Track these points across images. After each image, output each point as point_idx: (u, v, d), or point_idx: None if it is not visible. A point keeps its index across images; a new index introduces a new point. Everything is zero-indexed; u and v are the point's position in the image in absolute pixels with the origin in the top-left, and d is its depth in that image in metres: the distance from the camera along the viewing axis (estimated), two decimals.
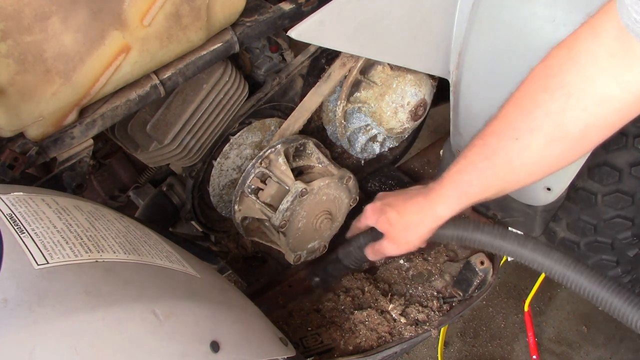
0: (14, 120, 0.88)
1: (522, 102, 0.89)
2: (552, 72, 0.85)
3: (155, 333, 0.67)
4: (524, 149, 0.88)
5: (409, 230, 1.05)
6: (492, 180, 0.94)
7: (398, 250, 1.09)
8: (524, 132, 0.88)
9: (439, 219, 1.01)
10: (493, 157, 0.91)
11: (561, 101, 0.83)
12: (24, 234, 0.69)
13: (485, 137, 0.93)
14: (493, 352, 2.24)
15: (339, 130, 1.36)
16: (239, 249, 1.48)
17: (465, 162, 0.96)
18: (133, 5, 0.91)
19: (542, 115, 0.85)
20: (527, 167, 0.91)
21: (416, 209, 1.03)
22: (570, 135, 0.85)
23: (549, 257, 0.95)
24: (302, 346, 1.21)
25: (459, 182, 0.96)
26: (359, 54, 1.21)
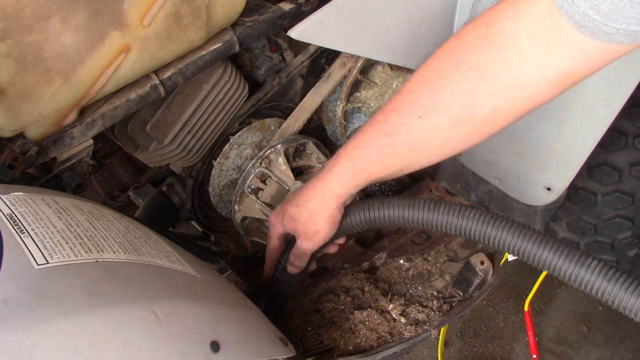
0: (14, 120, 0.88)
1: (430, 79, 0.83)
2: (466, 49, 0.80)
3: (155, 333, 0.67)
4: (428, 129, 0.84)
5: (313, 219, 0.97)
6: (392, 159, 0.89)
7: (313, 243, 1.00)
8: (429, 110, 0.83)
9: (336, 197, 0.94)
10: (394, 135, 0.86)
11: (472, 82, 0.79)
12: (24, 234, 0.69)
13: (387, 112, 0.88)
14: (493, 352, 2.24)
15: (339, 130, 1.36)
16: (239, 249, 1.48)
17: (364, 137, 0.90)
18: (133, 5, 0.91)
19: (451, 94, 0.81)
20: (429, 148, 0.87)
21: (312, 194, 0.97)
22: (477, 119, 0.81)
23: (464, 216, 0.87)
24: (302, 346, 1.20)
25: (356, 157, 0.90)
26: (359, 54, 1.21)
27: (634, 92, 1.09)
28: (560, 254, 0.81)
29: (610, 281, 0.79)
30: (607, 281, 0.79)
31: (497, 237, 0.84)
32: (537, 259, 0.82)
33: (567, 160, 1.24)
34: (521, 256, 0.84)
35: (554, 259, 0.81)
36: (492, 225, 0.84)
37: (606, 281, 0.79)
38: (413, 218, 0.91)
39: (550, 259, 0.81)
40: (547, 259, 0.81)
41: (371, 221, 0.96)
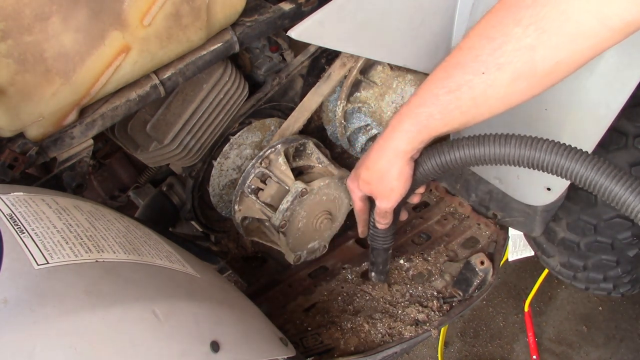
0: (14, 120, 0.88)
1: (492, 34, 0.84)
2: (526, 4, 0.80)
3: (155, 333, 0.67)
4: (490, 84, 0.85)
5: (385, 178, 1.01)
6: (455, 114, 0.90)
7: (390, 202, 1.05)
8: (491, 66, 0.84)
9: (402, 154, 0.96)
10: (457, 91, 0.87)
11: (533, 37, 0.80)
12: (24, 234, 0.69)
13: (448, 69, 0.89)
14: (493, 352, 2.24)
15: (339, 130, 1.36)
16: (239, 249, 1.48)
17: (426, 95, 0.91)
18: (133, 5, 0.91)
19: (512, 50, 0.82)
20: (491, 102, 0.88)
21: (380, 154, 0.99)
22: (538, 72, 0.82)
23: (536, 148, 0.88)
24: (302, 346, 1.21)
25: (420, 115, 0.92)
26: (359, 54, 1.21)
27: (634, 92, 1.09)
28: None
29: None
30: None
31: (569, 168, 0.85)
32: (609, 193, 0.83)
33: None
34: (592, 189, 0.84)
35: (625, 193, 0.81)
36: (564, 155, 0.85)
37: None
38: (484, 155, 0.92)
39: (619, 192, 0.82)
40: (619, 193, 0.82)
41: (443, 166, 0.98)
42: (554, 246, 1.51)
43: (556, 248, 1.52)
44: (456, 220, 1.51)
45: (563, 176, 0.87)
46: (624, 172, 0.82)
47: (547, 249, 1.55)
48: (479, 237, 1.46)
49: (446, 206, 1.55)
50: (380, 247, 1.21)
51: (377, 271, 1.29)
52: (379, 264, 1.26)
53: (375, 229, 1.16)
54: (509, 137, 0.90)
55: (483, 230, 1.47)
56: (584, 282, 1.59)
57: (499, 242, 1.44)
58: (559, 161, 0.86)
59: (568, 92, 1.13)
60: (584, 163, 0.84)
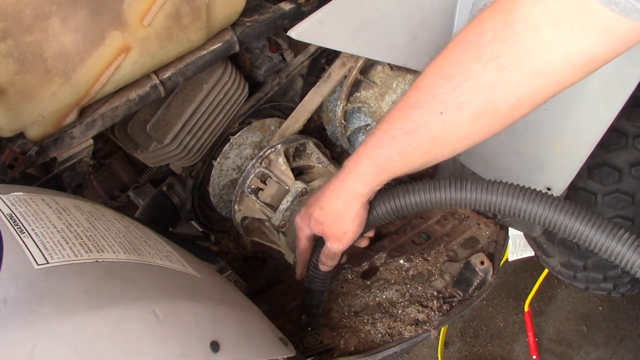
0: (14, 120, 0.88)
1: (449, 72, 0.81)
2: (485, 40, 0.77)
3: (155, 333, 0.67)
4: (450, 124, 0.82)
5: (340, 220, 0.98)
6: (415, 156, 0.87)
7: (342, 244, 1.02)
8: (450, 105, 0.81)
9: (360, 197, 0.94)
10: (415, 132, 0.84)
11: (493, 74, 0.77)
12: (24, 234, 0.69)
13: (406, 109, 0.86)
14: (493, 352, 2.24)
15: (339, 130, 1.36)
16: (239, 249, 1.48)
17: (384, 136, 0.88)
18: (133, 5, 0.91)
19: (472, 88, 0.79)
20: (452, 142, 0.85)
21: (335, 195, 0.97)
22: (500, 110, 0.80)
23: (492, 192, 0.87)
24: (302, 346, 1.20)
25: (378, 157, 0.89)
26: (359, 54, 1.21)
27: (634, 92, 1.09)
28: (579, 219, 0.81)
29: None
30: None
31: (526, 210, 0.84)
32: (566, 229, 0.83)
33: (567, 160, 1.24)
34: (552, 227, 0.84)
35: (576, 226, 0.81)
36: (519, 197, 0.85)
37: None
38: (440, 200, 0.91)
39: (573, 226, 0.82)
40: (573, 227, 0.82)
41: (398, 210, 0.96)
42: (554, 246, 1.51)
43: (556, 248, 1.52)
44: (456, 220, 1.51)
45: (524, 218, 0.86)
46: (584, 213, 0.82)
47: (547, 249, 1.55)
48: (479, 237, 1.46)
49: None
50: (317, 289, 1.16)
51: (308, 314, 1.22)
52: (312, 306, 1.21)
53: (315, 271, 1.11)
54: (464, 182, 0.89)
55: (483, 230, 1.47)
56: (584, 282, 1.59)
57: (499, 242, 1.44)
58: (516, 204, 0.85)
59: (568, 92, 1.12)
60: (541, 204, 0.84)
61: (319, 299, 1.19)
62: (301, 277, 1.17)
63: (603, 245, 0.81)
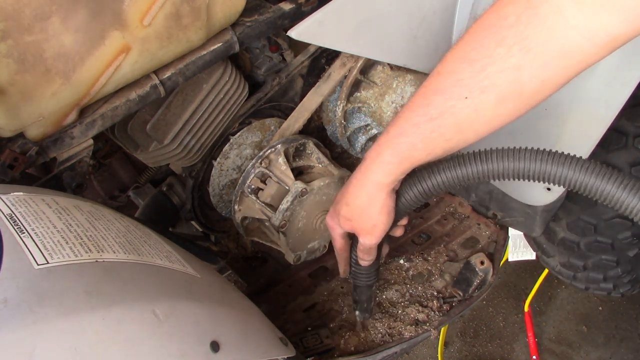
0: (14, 120, 0.88)
1: (473, 56, 0.80)
2: (508, 23, 0.77)
3: (155, 333, 0.67)
4: (474, 109, 0.81)
5: (367, 213, 0.96)
6: (439, 142, 0.85)
7: (375, 237, 1.00)
8: (474, 90, 0.80)
9: (384, 187, 0.92)
10: (439, 119, 0.83)
11: (518, 57, 0.77)
12: (24, 234, 0.69)
13: (429, 95, 0.84)
14: (493, 352, 2.24)
15: (339, 130, 1.36)
16: (239, 249, 1.48)
17: (406, 124, 0.86)
18: (133, 5, 0.91)
19: (496, 72, 0.78)
20: (476, 127, 0.84)
21: (359, 189, 0.95)
22: (525, 92, 0.80)
23: (519, 159, 0.84)
24: (302, 346, 1.21)
25: (400, 145, 0.87)
26: (359, 54, 1.21)
27: (634, 92, 1.09)
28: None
29: None
30: None
31: (557, 174, 0.83)
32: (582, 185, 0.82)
33: None
34: (582, 191, 0.83)
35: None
36: (549, 162, 0.83)
37: None
38: (467, 174, 0.89)
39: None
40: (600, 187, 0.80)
41: (426, 193, 0.94)
42: (554, 246, 1.51)
43: (556, 248, 1.52)
44: (456, 220, 1.51)
45: (552, 182, 0.84)
46: (616, 172, 0.81)
47: (547, 249, 1.55)
48: (479, 237, 1.47)
49: (446, 206, 1.55)
50: (364, 284, 1.15)
51: (361, 309, 1.22)
52: (363, 301, 1.20)
53: (357, 267, 1.10)
54: (489, 152, 0.87)
55: (483, 230, 1.47)
56: (584, 282, 1.59)
57: (499, 242, 1.44)
58: (545, 168, 0.83)
59: (568, 92, 1.13)
60: (570, 167, 0.82)
61: (368, 293, 1.18)
62: (345, 274, 1.17)
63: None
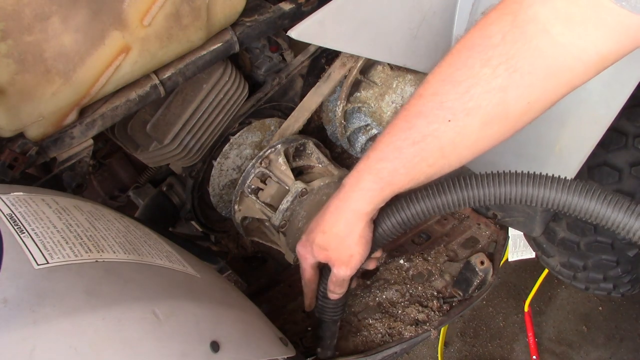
0: (14, 120, 0.88)
1: (457, 77, 0.77)
2: (493, 42, 0.74)
3: (155, 333, 0.67)
4: (458, 132, 0.78)
5: (344, 243, 0.91)
6: (422, 167, 0.82)
7: (350, 269, 0.95)
8: (458, 112, 0.77)
9: (364, 216, 0.88)
10: (422, 142, 0.80)
11: (504, 77, 0.74)
12: (24, 234, 0.69)
13: (411, 118, 0.81)
14: (493, 352, 2.24)
15: (339, 130, 1.36)
16: (239, 249, 1.48)
17: (387, 148, 0.83)
18: (133, 5, 0.91)
19: (481, 93, 0.75)
20: (460, 151, 0.81)
21: (336, 217, 0.90)
22: (511, 114, 0.77)
23: (494, 184, 0.83)
24: (302, 346, 1.20)
25: (382, 171, 0.84)
26: (359, 54, 1.21)
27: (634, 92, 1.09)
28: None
29: None
30: None
31: (540, 197, 0.81)
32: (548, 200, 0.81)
33: (567, 160, 1.24)
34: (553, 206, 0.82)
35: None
36: (534, 185, 0.81)
37: None
38: (447, 202, 0.87)
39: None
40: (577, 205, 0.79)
41: (404, 223, 0.91)
42: (554, 246, 1.51)
43: (556, 248, 1.52)
44: (456, 220, 1.51)
45: (536, 204, 0.82)
46: (597, 190, 0.79)
47: (547, 249, 1.55)
48: (479, 237, 1.46)
49: None
50: (330, 319, 1.08)
51: (323, 346, 1.13)
52: (326, 338, 1.11)
53: (325, 300, 1.04)
54: (468, 178, 0.85)
55: (483, 230, 1.47)
56: (584, 282, 1.59)
57: (499, 242, 1.44)
58: (527, 191, 0.82)
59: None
60: (552, 188, 0.81)
61: (333, 329, 1.11)
62: (310, 308, 1.11)
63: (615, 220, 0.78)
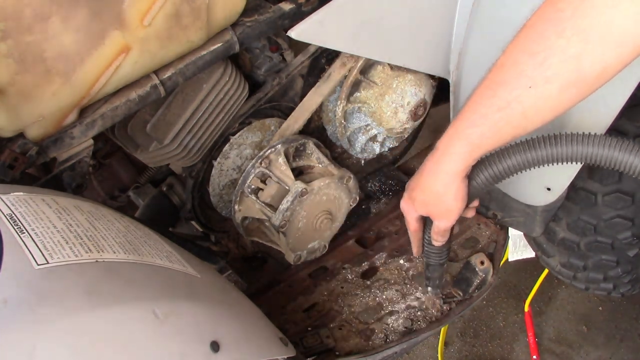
0: (14, 120, 0.88)
1: (534, 48, 0.85)
2: (566, 15, 0.81)
3: (155, 333, 0.67)
4: (539, 97, 0.87)
5: (442, 199, 1.02)
6: (507, 130, 0.92)
7: (450, 220, 1.06)
8: (538, 80, 0.85)
9: (457, 175, 0.98)
10: (506, 109, 0.89)
11: (578, 47, 0.81)
12: (24, 234, 0.69)
13: (494, 87, 0.90)
14: (493, 352, 2.24)
15: (339, 130, 1.36)
16: (239, 249, 1.48)
17: (475, 115, 0.92)
18: (133, 5, 0.91)
19: (558, 62, 0.83)
20: (542, 113, 0.89)
21: (433, 177, 1.01)
22: (587, 79, 0.84)
23: (588, 143, 0.91)
24: (302, 346, 1.21)
25: (471, 136, 0.93)
26: (359, 54, 1.21)
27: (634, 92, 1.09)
28: None
29: None
30: None
31: (607, 157, 0.89)
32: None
33: None
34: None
35: None
36: (611, 147, 0.88)
37: None
38: (535, 158, 0.95)
39: None
40: None
41: (496, 176, 1.00)
42: (554, 246, 1.51)
43: (556, 248, 1.52)
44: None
45: (617, 168, 0.89)
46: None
47: (547, 249, 1.55)
48: (479, 237, 1.46)
49: None
50: (436, 262, 1.20)
51: (433, 285, 1.28)
52: (435, 278, 1.26)
53: (430, 247, 1.16)
54: (556, 137, 0.93)
55: (483, 230, 1.47)
56: (584, 282, 1.59)
57: (499, 242, 1.44)
58: (613, 154, 0.89)
59: None
60: (621, 150, 0.87)
61: (440, 270, 1.23)
62: (418, 254, 1.22)
63: None
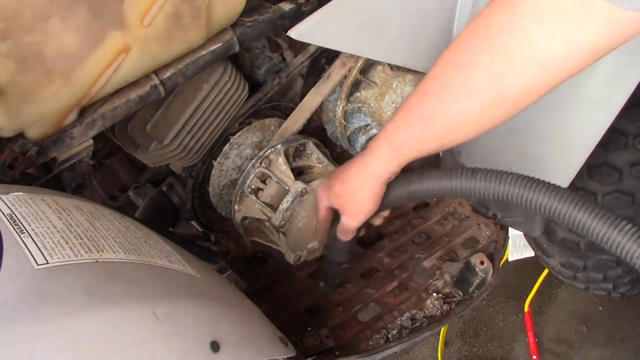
0: (14, 121, 0.88)
1: (460, 63, 0.86)
2: (493, 32, 0.81)
3: (155, 333, 0.67)
4: (461, 112, 0.87)
5: (356, 196, 1.04)
6: (430, 140, 0.94)
7: (357, 220, 1.08)
8: (461, 95, 0.86)
9: (378, 177, 1.01)
10: (429, 120, 0.91)
11: (501, 65, 0.81)
12: (24, 234, 0.69)
13: (421, 97, 0.92)
14: (493, 352, 2.24)
15: (339, 130, 1.36)
16: (239, 249, 1.48)
17: (401, 122, 0.95)
18: (133, 5, 0.91)
19: (481, 79, 0.84)
20: (464, 128, 0.90)
21: (355, 172, 1.03)
22: (509, 98, 0.84)
23: (501, 181, 0.91)
24: (302, 346, 1.21)
25: (395, 141, 0.96)
26: (359, 54, 1.21)
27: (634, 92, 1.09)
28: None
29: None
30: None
31: (532, 200, 0.87)
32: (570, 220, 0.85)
33: (567, 160, 1.24)
34: (549, 214, 0.87)
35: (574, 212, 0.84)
36: (526, 188, 0.88)
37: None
38: (452, 188, 0.96)
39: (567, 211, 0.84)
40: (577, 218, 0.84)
41: (412, 194, 1.02)
42: (554, 246, 1.51)
43: (556, 248, 1.52)
44: (456, 220, 1.51)
45: (532, 209, 0.88)
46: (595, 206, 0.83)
47: (547, 249, 1.55)
48: (479, 237, 1.47)
49: (446, 206, 1.55)
50: (334, 259, 1.21)
51: (325, 282, 1.29)
52: (329, 275, 1.27)
53: (332, 241, 1.17)
54: (476, 171, 0.94)
55: (483, 230, 1.47)
56: (584, 282, 1.59)
57: (499, 242, 1.44)
58: (527, 195, 0.88)
59: (568, 91, 1.13)
60: (547, 195, 0.86)
61: (336, 269, 1.24)
62: (322, 244, 1.24)
63: (604, 235, 0.82)
